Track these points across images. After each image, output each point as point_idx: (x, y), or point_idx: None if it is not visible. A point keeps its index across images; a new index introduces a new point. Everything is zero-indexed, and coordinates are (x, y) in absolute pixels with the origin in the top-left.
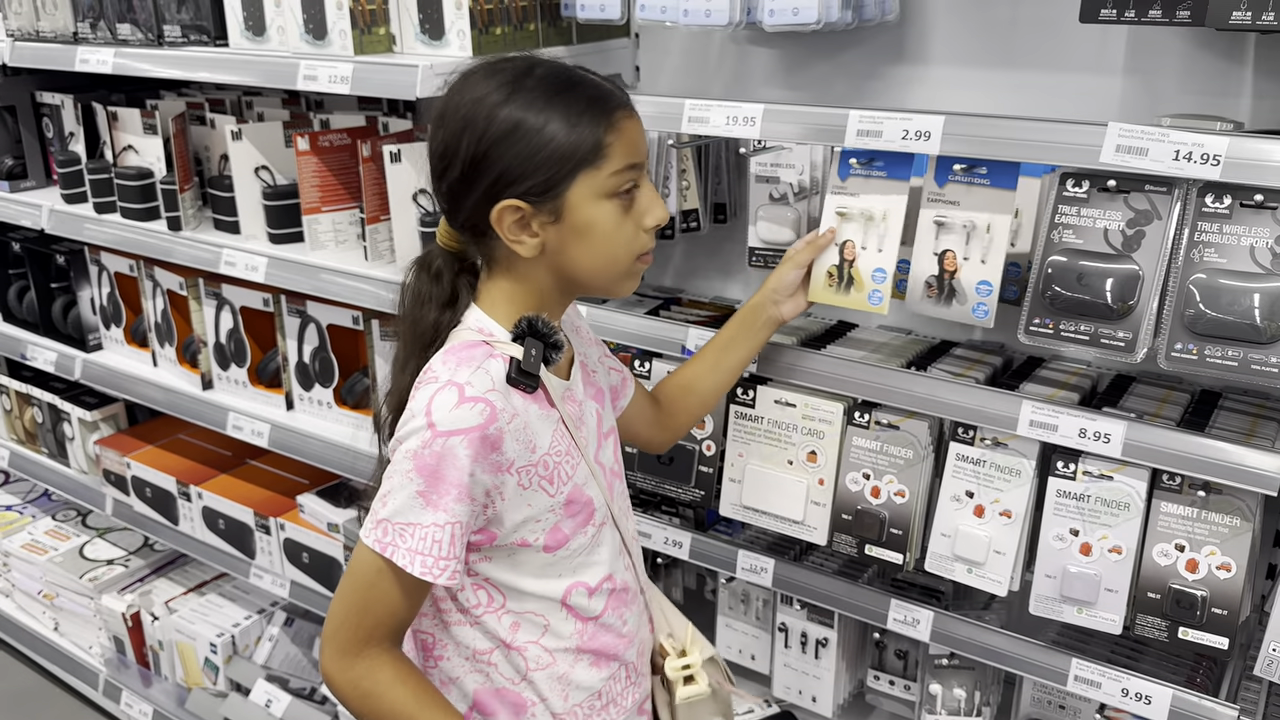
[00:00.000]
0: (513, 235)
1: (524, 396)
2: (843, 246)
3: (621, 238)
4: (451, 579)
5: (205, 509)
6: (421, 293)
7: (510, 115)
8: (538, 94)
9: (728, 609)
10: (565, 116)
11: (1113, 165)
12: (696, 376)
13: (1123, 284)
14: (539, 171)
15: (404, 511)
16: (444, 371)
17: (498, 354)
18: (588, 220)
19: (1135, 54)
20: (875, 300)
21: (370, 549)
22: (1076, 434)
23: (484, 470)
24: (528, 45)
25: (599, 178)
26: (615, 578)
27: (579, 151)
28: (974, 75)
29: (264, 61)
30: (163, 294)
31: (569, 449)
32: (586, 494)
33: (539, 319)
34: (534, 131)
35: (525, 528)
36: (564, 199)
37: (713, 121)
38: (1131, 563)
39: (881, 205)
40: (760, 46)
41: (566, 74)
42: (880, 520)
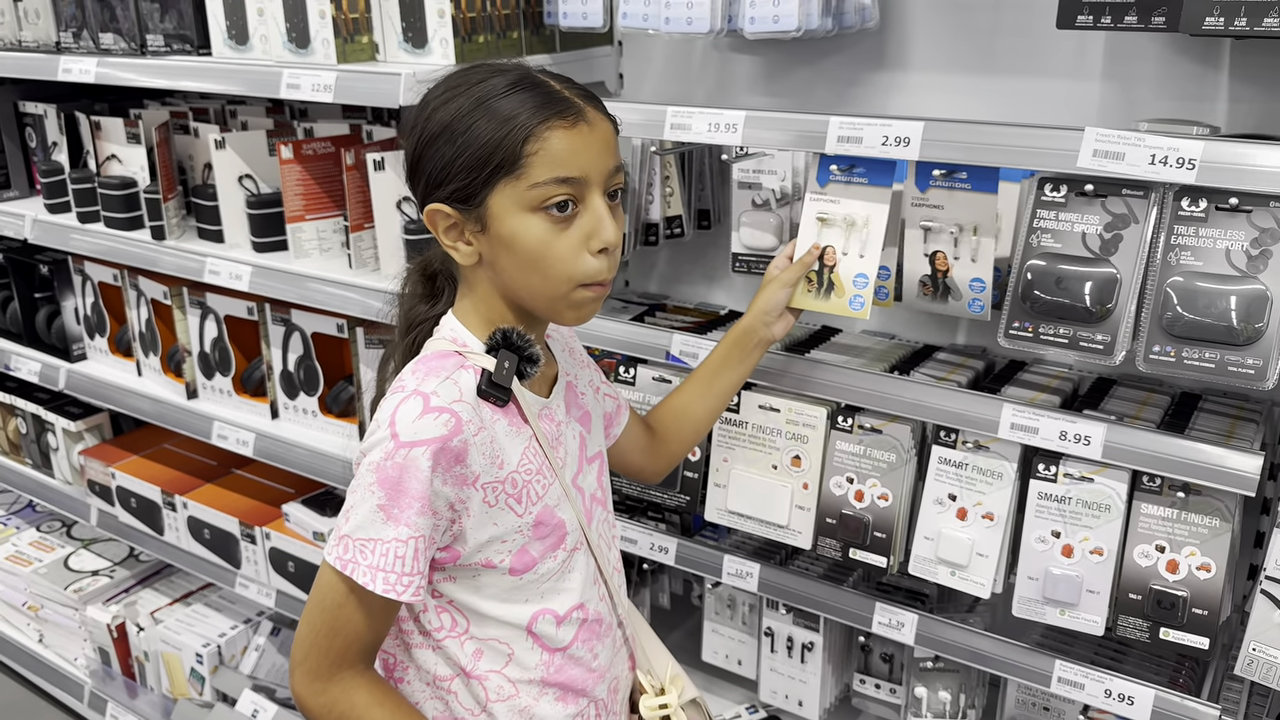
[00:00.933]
0: (449, 241)
1: (494, 410)
2: (823, 252)
3: (554, 256)
4: (415, 595)
5: (190, 519)
6: (414, 293)
7: (443, 117)
8: (475, 97)
9: (714, 614)
10: (491, 121)
11: (1090, 170)
12: (689, 402)
13: (1101, 287)
14: (458, 176)
15: (365, 526)
16: (412, 381)
17: (469, 365)
18: (510, 232)
19: (1113, 60)
20: (856, 305)
21: (333, 567)
22: (1057, 436)
23: (447, 482)
24: (510, 53)
25: (519, 189)
26: (587, 607)
27: (494, 159)
28: (954, 81)
29: (247, 71)
30: (147, 303)
31: (541, 468)
32: (558, 516)
33: (515, 331)
34: (459, 134)
35: (490, 548)
36: (485, 207)
37: (695, 128)
38: (1113, 564)
39: (863, 211)
40: (742, 53)
41: (519, 80)
42: (864, 524)
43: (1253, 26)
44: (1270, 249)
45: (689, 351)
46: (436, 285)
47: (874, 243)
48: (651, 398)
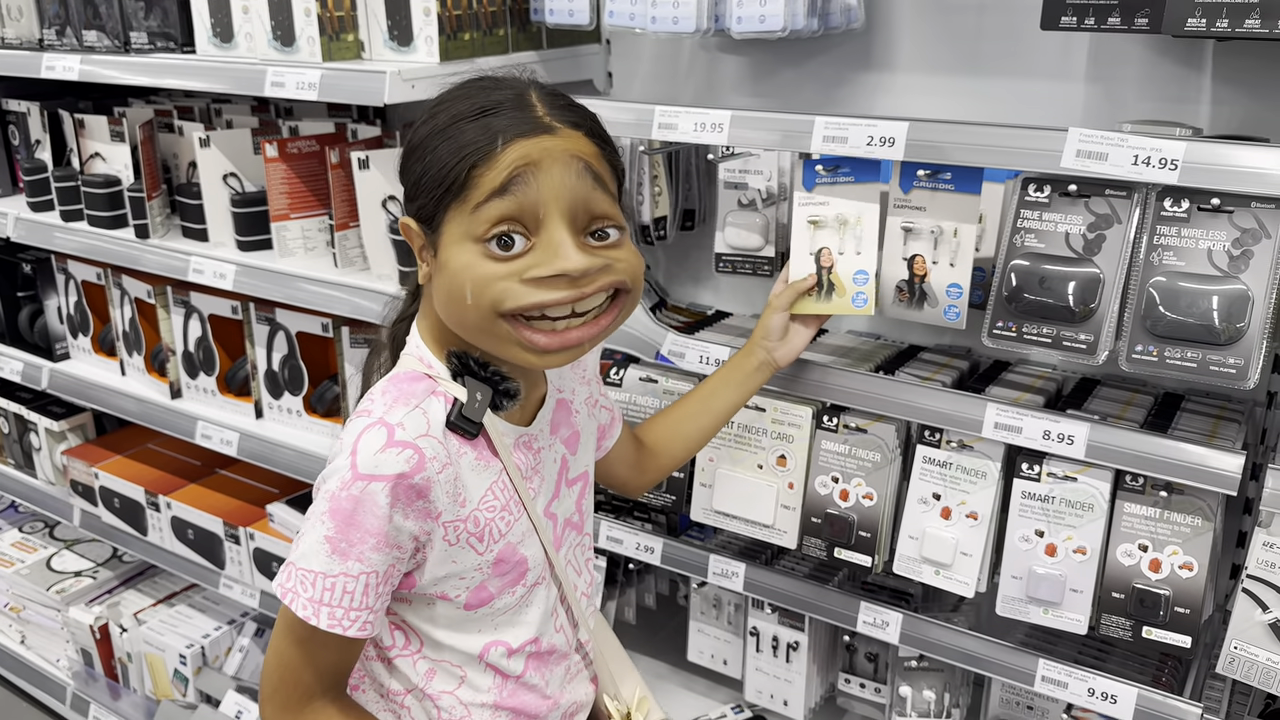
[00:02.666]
0: (420, 255)
1: (462, 443)
2: (819, 254)
3: (484, 289)
4: (363, 630)
5: (174, 519)
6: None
7: (421, 131)
8: (453, 113)
9: (700, 614)
10: (456, 141)
11: (1073, 170)
12: (682, 419)
13: (1084, 287)
14: (422, 194)
15: (308, 557)
16: (379, 406)
17: (440, 391)
18: (448, 259)
19: (1097, 61)
20: (860, 302)
21: None
22: (1040, 436)
23: (409, 516)
24: (496, 51)
25: (464, 215)
26: (541, 640)
27: (446, 180)
28: (940, 82)
29: (231, 69)
30: (130, 302)
31: (508, 503)
32: (520, 553)
33: (471, 358)
34: (428, 151)
35: (447, 582)
36: (441, 232)
37: (681, 128)
38: (1096, 563)
39: (854, 209)
40: (730, 54)
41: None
42: (849, 523)
43: (1234, 28)
44: (1251, 249)
45: (677, 351)
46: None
47: (869, 238)
48: (638, 398)
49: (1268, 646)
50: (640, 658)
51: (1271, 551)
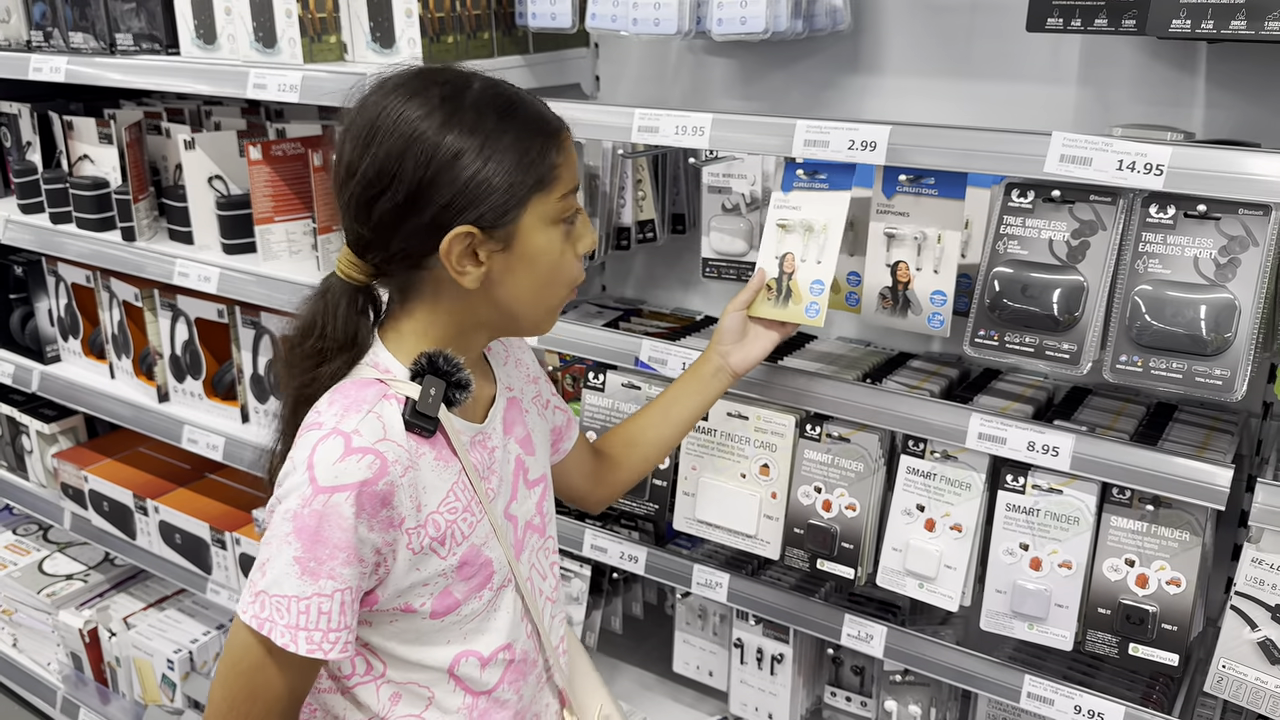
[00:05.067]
0: (459, 266)
1: (420, 443)
2: (783, 259)
3: (564, 266)
4: (344, 651)
5: (162, 523)
6: (322, 332)
7: (461, 135)
8: (486, 112)
9: (685, 624)
10: (517, 137)
11: (1057, 175)
12: (642, 429)
13: (1068, 295)
14: (493, 196)
15: (281, 582)
16: (330, 416)
17: (392, 394)
18: (537, 248)
19: (1089, 64)
20: (812, 313)
21: (249, 626)
22: (1025, 447)
23: (373, 528)
24: (481, 54)
25: (549, 202)
26: (514, 647)
27: (532, 174)
28: (929, 85)
29: (214, 70)
30: (119, 305)
31: (470, 504)
32: (485, 555)
33: (441, 355)
34: (488, 153)
35: (411, 592)
36: (517, 225)
37: (662, 131)
38: (1082, 578)
39: (822, 216)
40: (717, 56)
41: (505, 91)
42: (831, 534)
43: (1219, 29)
44: (1239, 257)
45: (658, 358)
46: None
47: (831, 248)
48: (621, 404)
49: (1256, 665)
50: (627, 668)
51: (1260, 568)
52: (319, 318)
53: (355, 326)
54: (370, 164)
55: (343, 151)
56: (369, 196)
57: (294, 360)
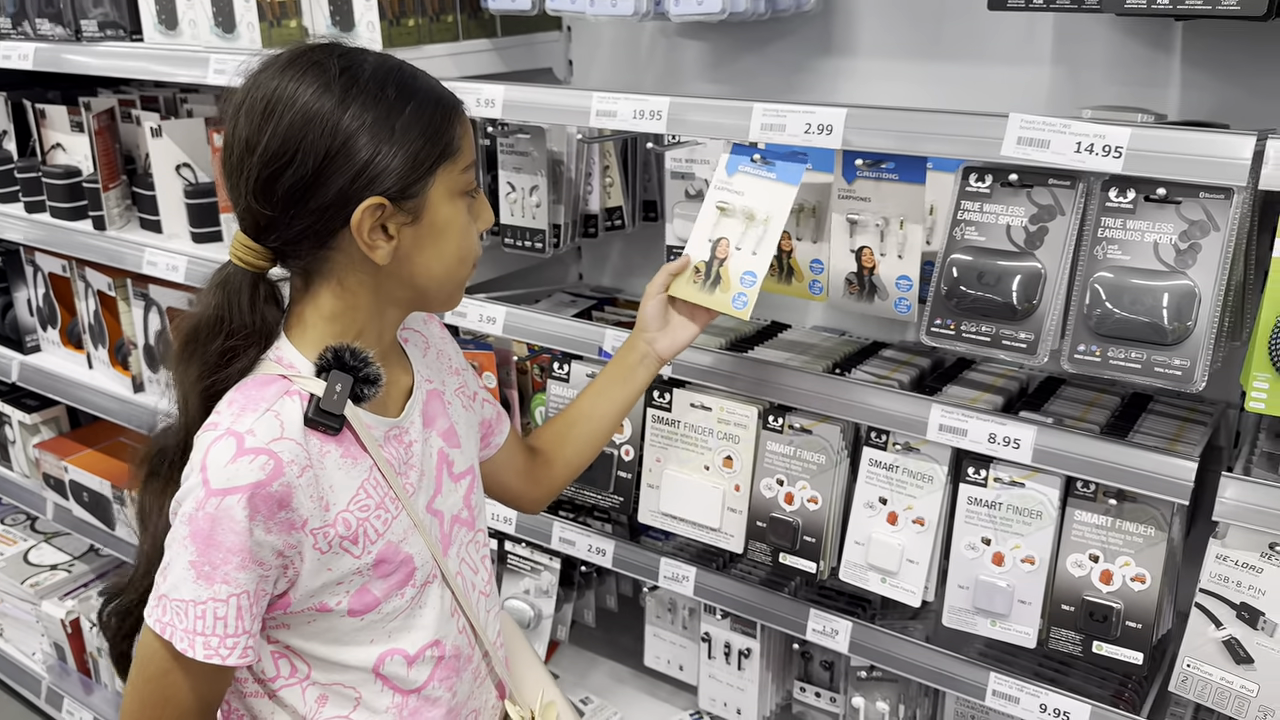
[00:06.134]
0: (370, 240)
1: (325, 441)
2: (716, 243)
3: (469, 241)
4: (244, 656)
5: None
6: (230, 327)
7: (365, 106)
8: (386, 84)
9: (655, 618)
10: (419, 108)
11: (1014, 159)
12: (572, 423)
13: (1025, 283)
14: (401, 166)
15: (179, 586)
16: (226, 416)
17: (295, 390)
18: (445, 219)
19: (1062, 43)
20: (739, 304)
21: (153, 630)
22: (986, 439)
23: (270, 530)
24: (445, 38)
25: (453, 174)
26: (444, 643)
27: (438, 145)
28: (901, 67)
29: (174, 56)
30: (94, 295)
31: (384, 501)
32: (404, 551)
33: (348, 349)
34: (392, 122)
35: (325, 592)
36: (426, 196)
37: (620, 114)
38: (1045, 573)
39: (765, 208)
40: (690, 39)
41: (399, 65)
42: (793, 528)
43: (1176, 4)
44: (1199, 242)
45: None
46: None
47: (770, 241)
48: None
49: (1221, 665)
50: (601, 661)
51: (1225, 565)
52: (223, 312)
53: (263, 317)
54: (271, 139)
55: (236, 129)
56: (271, 173)
57: (193, 356)
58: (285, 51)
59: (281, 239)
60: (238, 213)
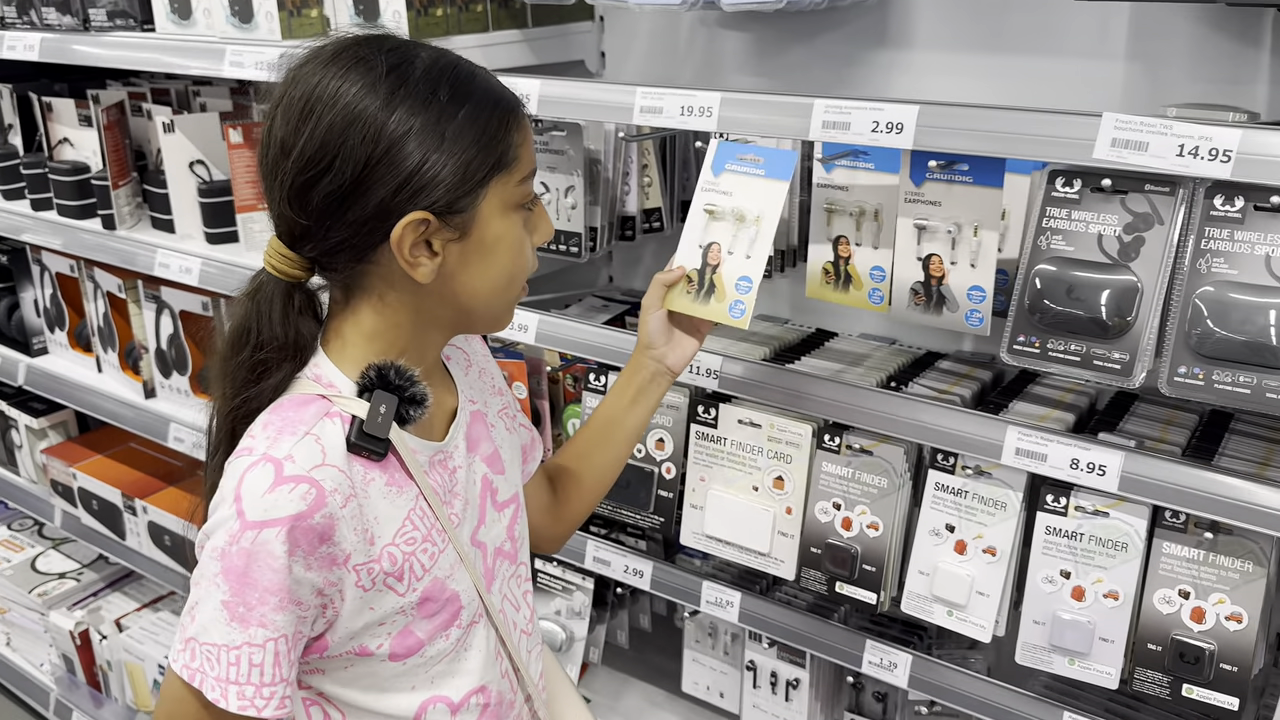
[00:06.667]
0: (411, 257)
1: (369, 467)
2: (707, 249)
3: (522, 258)
4: (281, 708)
5: (151, 524)
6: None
7: (413, 109)
8: (438, 84)
9: (694, 642)
10: (474, 113)
11: (1108, 162)
12: (585, 455)
13: (1119, 297)
14: (450, 178)
15: (210, 629)
16: (262, 441)
17: (336, 412)
18: (496, 235)
19: (1139, 37)
20: (736, 313)
21: (179, 675)
22: (1068, 465)
23: (311, 566)
24: (474, 29)
25: (509, 186)
26: (489, 689)
27: (492, 154)
28: (962, 60)
29: (188, 47)
30: (103, 296)
31: (430, 533)
32: (450, 589)
33: (392, 367)
34: (443, 129)
35: (366, 634)
36: (476, 211)
37: (666, 112)
38: (1129, 610)
39: (755, 206)
40: (732, 30)
41: (456, 61)
42: (851, 555)
43: None
44: None
45: None
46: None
47: (763, 242)
48: None
49: None
50: (635, 683)
51: None
52: (251, 323)
53: (296, 330)
54: (309, 141)
55: (273, 127)
56: (307, 179)
57: (227, 373)
58: (331, 43)
59: (318, 249)
60: (273, 217)
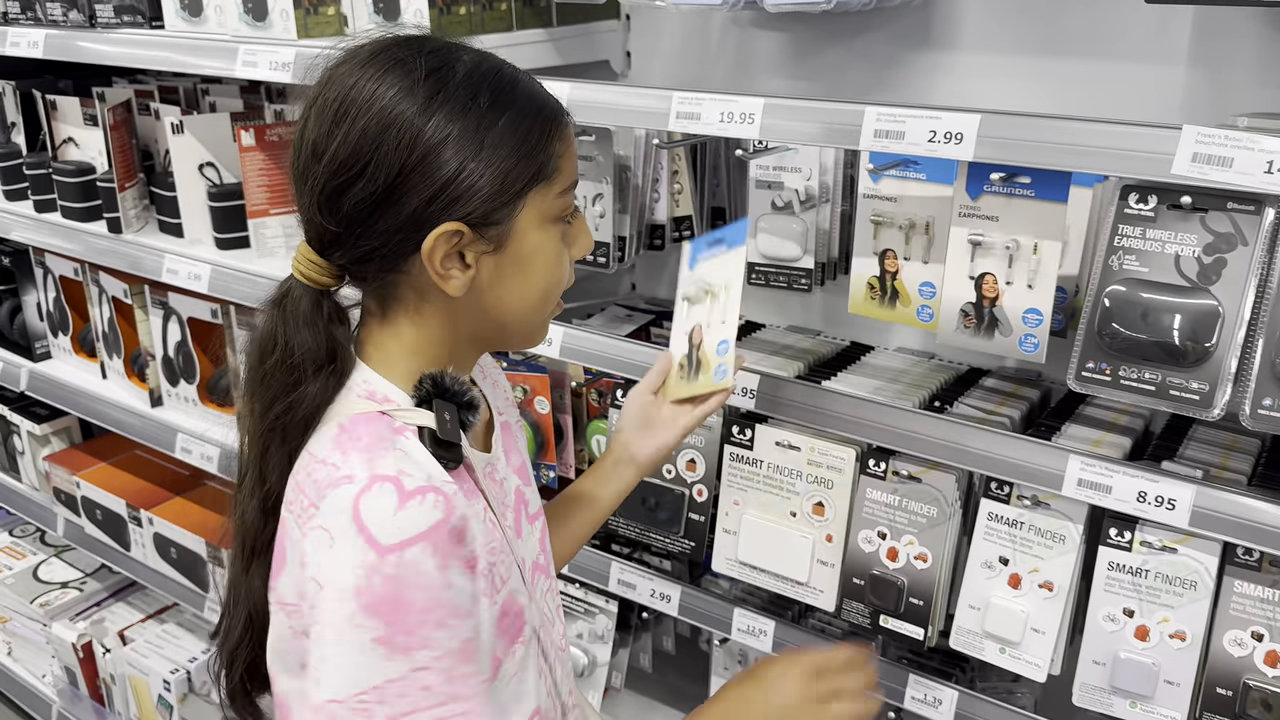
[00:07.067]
0: (442, 269)
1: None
2: (691, 333)
3: (558, 273)
4: None
5: (156, 535)
6: (289, 348)
7: (451, 115)
8: (479, 90)
9: (723, 669)
10: (515, 120)
11: (1188, 178)
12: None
13: (1198, 323)
14: (487, 188)
15: (359, 676)
16: (355, 464)
17: (400, 426)
18: (533, 249)
19: (1202, 40)
20: (719, 376)
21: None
22: (1135, 498)
23: (463, 574)
24: (498, 28)
25: (548, 198)
26: (543, 710)
27: (532, 165)
28: (1008, 62)
29: (199, 46)
30: (108, 301)
31: (501, 544)
32: (519, 602)
33: (445, 375)
34: (481, 137)
35: None
36: (513, 223)
37: (705, 118)
38: (1198, 652)
39: (722, 278)
40: (766, 29)
41: (499, 66)
42: (898, 588)
43: None
44: None
45: None
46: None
47: (732, 304)
48: None
49: None
50: (659, 708)
51: None
52: (278, 330)
53: (326, 338)
54: (341, 144)
55: (305, 129)
56: (339, 184)
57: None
58: (370, 44)
59: (347, 257)
60: (302, 223)
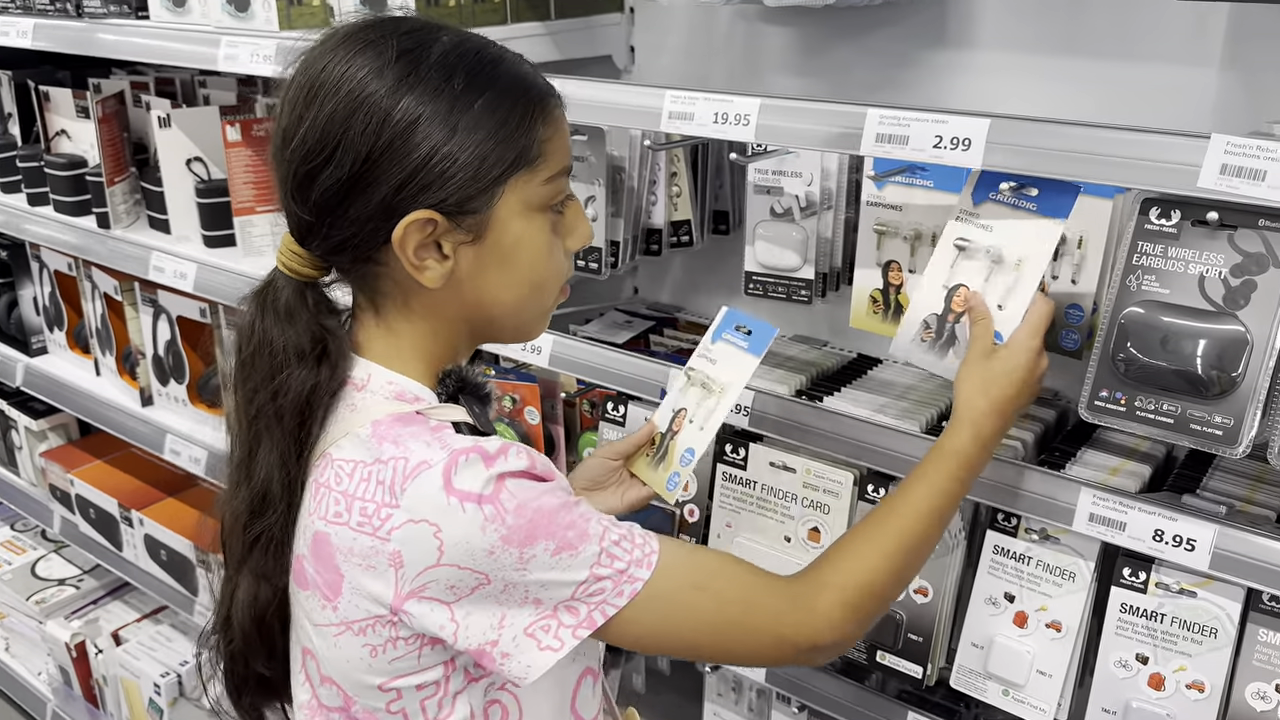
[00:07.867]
0: (416, 259)
1: None
2: (675, 415)
3: (553, 263)
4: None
5: (147, 537)
6: (273, 342)
7: (423, 96)
8: (455, 70)
9: (716, 695)
10: (493, 102)
11: (1215, 192)
12: None
13: (1223, 351)
14: (461, 174)
15: (559, 584)
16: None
17: (435, 425)
18: (515, 239)
19: (1238, 40)
20: (670, 484)
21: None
22: (1151, 536)
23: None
24: (491, 21)
25: (532, 184)
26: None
27: (511, 149)
28: (1025, 61)
29: (182, 37)
30: (100, 297)
31: None
32: None
33: (465, 370)
34: (455, 119)
35: None
36: (491, 212)
37: (698, 118)
38: (1217, 704)
39: (724, 377)
40: (774, 25)
41: (480, 46)
42: (896, 623)
43: None
44: None
45: None
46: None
47: (717, 416)
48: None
49: None
50: None
51: None
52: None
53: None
54: (309, 129)
55: (280, 115)
56: (309, 170)
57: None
58: (346, 26)
59: (323, 247)
60: (284, 212)
